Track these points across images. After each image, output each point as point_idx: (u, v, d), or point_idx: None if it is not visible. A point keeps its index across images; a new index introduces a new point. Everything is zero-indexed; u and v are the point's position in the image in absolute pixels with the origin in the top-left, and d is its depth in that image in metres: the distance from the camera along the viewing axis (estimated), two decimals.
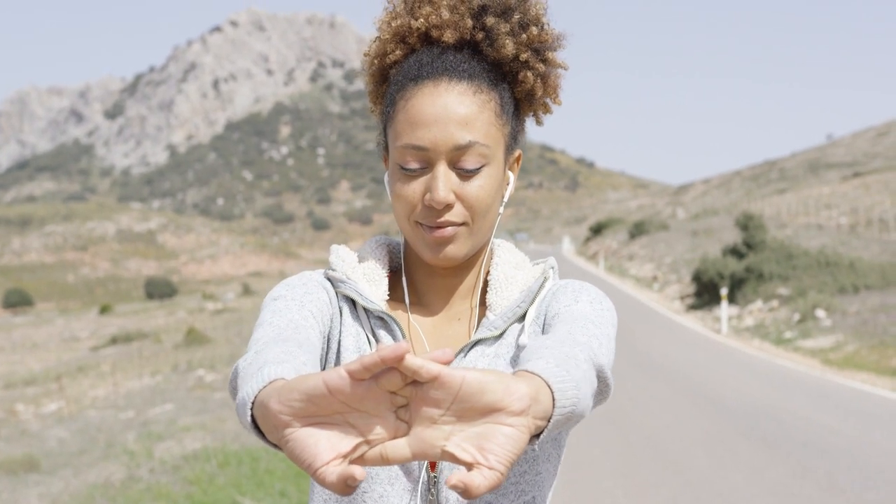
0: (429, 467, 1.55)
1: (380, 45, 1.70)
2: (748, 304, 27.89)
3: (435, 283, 1.71)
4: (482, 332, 1.63)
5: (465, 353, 1.62)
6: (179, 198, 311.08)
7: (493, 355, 1.62)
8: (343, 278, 1.67)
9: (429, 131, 1.56)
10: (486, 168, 1.59)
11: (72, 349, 42.88)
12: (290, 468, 9.40)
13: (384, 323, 1.63)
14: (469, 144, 1.56)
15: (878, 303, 23.31)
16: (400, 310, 1.70)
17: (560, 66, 1.69)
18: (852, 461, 8.94)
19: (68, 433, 14.33)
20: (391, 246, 1.78)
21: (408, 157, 1.58)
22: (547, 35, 1.66)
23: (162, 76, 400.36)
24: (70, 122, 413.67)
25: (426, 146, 1.56)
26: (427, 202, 1.58)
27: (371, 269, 1.71)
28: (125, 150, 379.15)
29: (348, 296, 1.66)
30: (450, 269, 1.69)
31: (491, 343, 1.63)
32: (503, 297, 1.68)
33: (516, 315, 1.65)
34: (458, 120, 1.56)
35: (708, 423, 11.16)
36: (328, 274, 1.69)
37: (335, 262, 1.70)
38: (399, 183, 1.61)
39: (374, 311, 1.63)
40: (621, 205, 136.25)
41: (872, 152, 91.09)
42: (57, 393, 21.77)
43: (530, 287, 1.68)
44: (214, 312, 54.23)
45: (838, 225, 43.57)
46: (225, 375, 20.93)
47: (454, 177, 1.58)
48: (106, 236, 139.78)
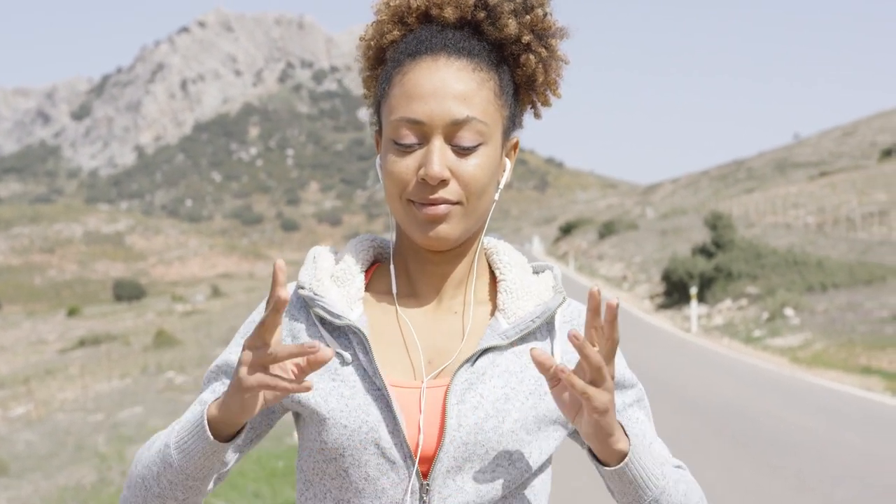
0: (420, 474, 1.50)
1: (377, 27, 1.65)
2: (717, 303, 28.07)
3: (426, 269, 1.62)
4: (493, 338, 1.57)
5: (472, 361, 1.54)
6: (147, 199, 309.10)
7: (504, 370, 1.55)
8: (311, 295, 1.59)
9: (425, 104, 1.52)
10: (483, 147, 1.54)
11: (39, 352, 42.50)
12: (263, 469, 9.37)
13: (352, 336, 1.56)
14: (466, 119, 1.52)
15: (845, 301, 23.51)
16: (386, 301, 1.63)
17: (561, 59, 1.65)
18: (821, 459, 9.01)
19: (37, 436, 14.21)
20: (377, 241, 1.71)
21: (402, 131, 1.53)
22: (550, 23, 1.62)
23: (129, 77, 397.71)
24: (36, 124, 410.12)
25: (422, 119, 1.52)
26: (421, 176, 1.52)
27: (344, 270, 1.63)
28: (92, 151, 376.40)
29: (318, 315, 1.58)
30: (442, 256, 1.61)
31: (502, 352, 1.57)
32: (518, 305, 1.61)
33: (529, 329, 1.58)
34: (456, 95, 1.52)
35: (679, 421, 11.22)
36: (300, 293, 1.61)
37: (303, 276, 1.62)
38: (392, 158, 1.55)
39: (341, 326, 1.56)
40: (591, 205, 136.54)
41: (839, 151, 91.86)
42: (25, 396, 21.59)
43: (546, 303, 1.61)
44: (184, 314, 53.94)
45: (806, 224, 43.89)
46: (195, 377, 20.80)
47: (450, 153, 1.53)
48: (73, 238, 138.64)
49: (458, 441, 1.50)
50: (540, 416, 1.55)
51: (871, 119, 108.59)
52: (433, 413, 1.52)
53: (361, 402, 1.51)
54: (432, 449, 1.51)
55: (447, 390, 1.52)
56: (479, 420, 1.51)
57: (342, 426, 1.51)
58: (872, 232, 37.23)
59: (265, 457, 9.88)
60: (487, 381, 1.54)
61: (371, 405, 1.51)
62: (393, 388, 1.52)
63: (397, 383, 1.53)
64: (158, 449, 1.54)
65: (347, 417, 1.51)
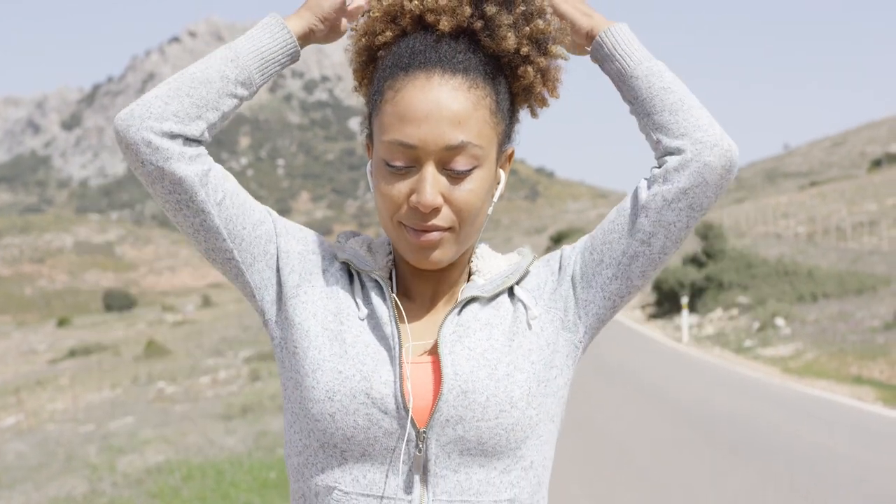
0: (415, 423, 1.49)
1: (369, 23, 1.61)
2: (708, 313, 28.11)
3: (420, 272, 1.62)
4: (473, 290, 1.58)
5: (458, 309, 1.56)
6: (138, 209, 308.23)
7: (485, 322, 1.57)
8: (342, 243, 1.64)
9: (418, 128, 1.48)
10: (478, 170, 1.52)
11: (30, 362, 42.38)
12: (254, 480, 9.33)
13: (377, 285, 1.58)
14: (461, 145, 1.49)
15: (836, 311, 23.55)
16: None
17: (560, 57, 1.61)
18: (813, 468, 9.01)
19: (27, 447, 14.15)
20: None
21: (394, 154, 1.50)
22: (549, 26, 1.57)
23: (120, 86, 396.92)
24: (27, 133, 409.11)
25: (415, 144, 1.49)
26: (413, 204, 1.50)
27: (378, 245, 1.66)
28: (83, 161, 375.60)
29: (346, 261, 1.61)
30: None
31: (484, 305, 1.58)
32: (490, 265, 1.64)
33: (505, 284, 1.59)
34: (451, 117, 1.48)
35: (672, 430, 11.22)
36: (333, 245, 1.65)
37: (340, 236, 1.67)
38: (384, 181, 1.53)
39: (367, 272, 1.58)
40: (582, 214, 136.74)
41: (828, 161, 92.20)
42: (15, 406, 21.51)
43: (518, 262, 1.64)
44: (174, 324, 53.90)
45: (796, 234, 44.00)
46: (186, 387, 20.78)
47: (443, 179, 1.50)
48: (63, 248, 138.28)
49: (457, 389, 1.49)
50: (525, 357, 1.55)
51: (861, 129, 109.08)
52: (425, 373, 1.52)
53: (361, 352, 1.52)
54: (428, 402, 1.50)
55: (437, 343, 1.52)
56: (474, 368, 1.51)
57: (337, 371, 1.51)
58: (862, 242, 37.33)
59: (257, 467, 9.85)
60: (472, 334, 1.55)
61: (368, 357, 1.52)
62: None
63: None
64: (221, 51, 1.60)
65: (344, 364, 1.51)
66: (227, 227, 1.56)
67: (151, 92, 1.54)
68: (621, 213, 1.61)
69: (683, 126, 1.57)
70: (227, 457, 10.71)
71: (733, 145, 1.57)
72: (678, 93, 1.60)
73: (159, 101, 1.52)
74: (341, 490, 1.51)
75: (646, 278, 1.62)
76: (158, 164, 1.51)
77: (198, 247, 1.59)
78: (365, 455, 1.50)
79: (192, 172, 1.52)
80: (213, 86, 1.55)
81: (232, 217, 1.56)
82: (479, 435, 1.49)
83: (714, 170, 1.55)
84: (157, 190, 1.54)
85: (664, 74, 1.61)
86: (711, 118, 1.59)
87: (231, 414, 14.97)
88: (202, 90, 1.54)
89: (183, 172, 1.52)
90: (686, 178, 1.55)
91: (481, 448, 1.49)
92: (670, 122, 1.58)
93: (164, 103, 1.52)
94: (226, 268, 1.60)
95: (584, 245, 1.64)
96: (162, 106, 1.52)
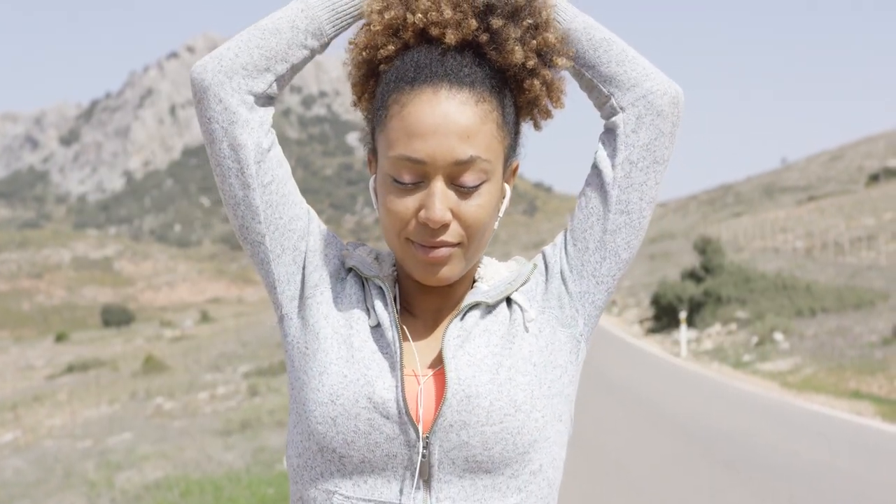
0: (417, 428, 1.48)
1: (369, 36, 1.58)
2: (707, 328, 28.09)
3: (425, 288, 1.61)
4: (477, 295, 1.58)
5: (461, 315, 1.55)
6: (136, 224, 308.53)
7: (485, 328, 1.56)
8: (350, 251, 1.64)
9: (426, 143, 1.46)
10: (486, 185, 1.51)
11: (27, 378, 42.25)
12: (253, 496, 9.32)
13: (380, 292, 1.58)
14: (470, 160, 1.47)
15: (834, 325, 23.55)
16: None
17: (565, 68, 1.59)
18: (812, 483, 9.00)
19: (25, 463, 14.11)
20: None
21: (402, 170, 1.48)
22: (556, 38, 1.56)
23: (118, 102, 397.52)
24: (25, 149, 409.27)
25: (423, 160, 1.46)
26: (422, 220, 1.48)
27: (384, 256, 1.66)
28: (81, 176, 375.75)
29: (353, 268, 1.62)
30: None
31: (485, 312, 1.58)
32: (493, 272, 1.64)
33: (508, 291, 1.59)
34: (459, 132, 1.46)
35: (670, 445, 11.21)
36: (343, 252, 1.66)
37: (348, 245, 1.68)
38: (390, 196, 1.51)
39: (371, 278, 1.58)
40: None
41: (826, 176, 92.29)
42: (13, 422, 21.46)
43: (519, 269, 1.65)
44: (172, 340, 53.80)
45: (794, 248, 44.03)
46: (184, 403, 20.72)
47: (452, 194, 1.49)
48: (61, 263, 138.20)
49: (461, 394, 1.48)
50: (525, 360, 1.55)
51: (858, 144, 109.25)
52: (428, 379, 1.53)
53: (367, 357, 1.52)
54: (431, 407, 1.50)
55: (441, 349, 1.52)
56: (476, 373, 1.51)
57: (342, 375, 1.51)
58: (861, 256, 37.36)
59: (255, 483, 9.83)
60: (473, 339, 1.55)
61: (374, 363, 1.52)
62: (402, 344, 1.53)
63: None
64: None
65: (350, 368, 1.51)
66: (266, 210, 1.58)
67: (225, 44, 1.58)
68: (589, 197, 1.63)
69: (633, 76, 1.61)
70: (226, 472, 10.69)
71: (679, 88, 1.63)
72: (619, 43, 1.62)
73: (230, 53, 1.57)
74: (342, 495, 1.50)
75: (631, 249, 1.63)
76: (224, 125, 1.55)
77: (234, 221, 1.61)
78: (365, 461, 1.49)
79: (253, 143, 1.56)
80: (283, 35, 1.58)
81: (273, 203, 1.58)
82: (484, 440, 1.48)
83: (667, 118, 1.60)
84: (215, 150, 1.57)
85: (600, 26, 1.63)
86: (653, 65, 1.63)
87: (229, 429, 14.93)
88: (272, 40, 1.57)
89: (244, 140, 1.55)
90: (644, 134, 1.59)
91: (487, 453, 1.48)
92: (618, 73, 1.61)
93: (235, 55, 1.57)
94: (255, 251, 1.61)
95: (563, 240, 1.65)
96: (232, 58, 1.56)
